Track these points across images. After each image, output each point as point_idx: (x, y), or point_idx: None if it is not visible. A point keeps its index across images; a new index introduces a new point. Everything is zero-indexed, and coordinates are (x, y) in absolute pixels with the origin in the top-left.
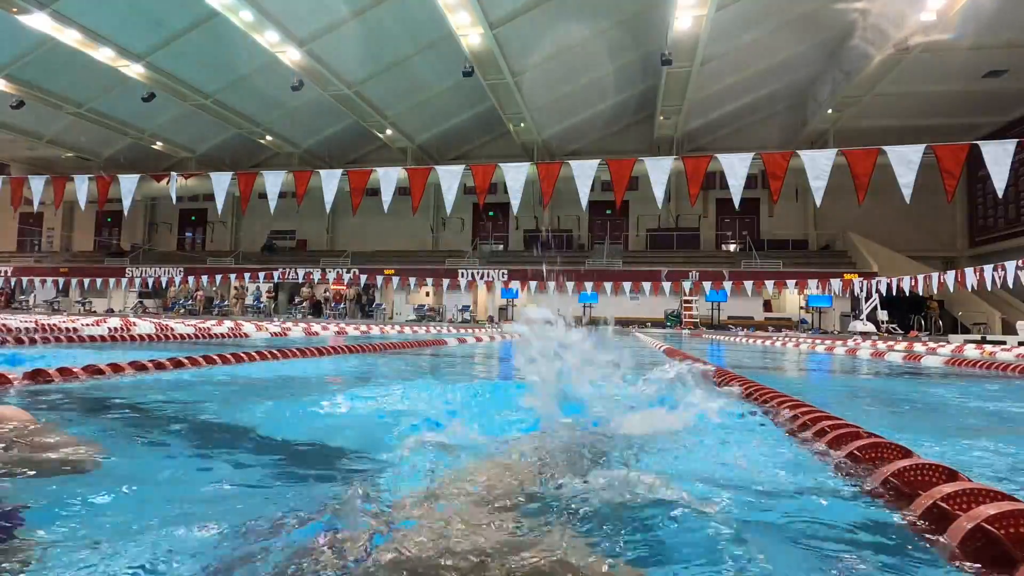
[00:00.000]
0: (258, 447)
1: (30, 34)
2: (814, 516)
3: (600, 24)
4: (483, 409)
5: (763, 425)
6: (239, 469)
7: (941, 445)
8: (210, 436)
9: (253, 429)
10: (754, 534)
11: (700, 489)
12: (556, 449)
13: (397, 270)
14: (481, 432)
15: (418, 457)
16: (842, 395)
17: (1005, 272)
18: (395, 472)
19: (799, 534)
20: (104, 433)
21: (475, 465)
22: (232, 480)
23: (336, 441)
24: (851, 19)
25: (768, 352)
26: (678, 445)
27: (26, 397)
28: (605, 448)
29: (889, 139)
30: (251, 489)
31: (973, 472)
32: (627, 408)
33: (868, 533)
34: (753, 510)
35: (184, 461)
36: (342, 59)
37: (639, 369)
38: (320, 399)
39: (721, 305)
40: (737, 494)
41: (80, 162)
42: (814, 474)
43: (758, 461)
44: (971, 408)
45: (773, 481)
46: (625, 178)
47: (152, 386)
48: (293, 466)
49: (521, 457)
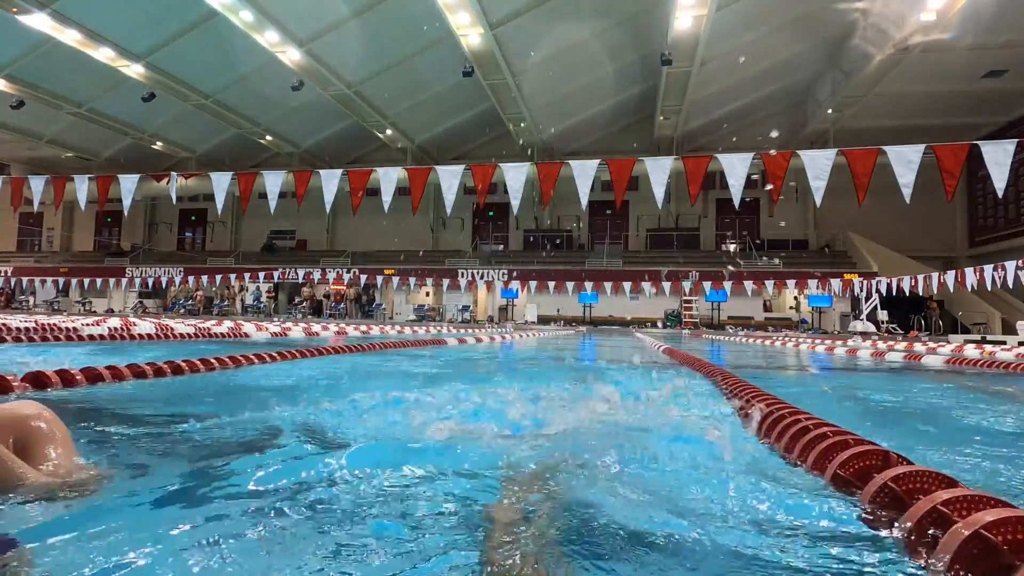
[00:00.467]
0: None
1: (30, 34)
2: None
3: (600, 24)
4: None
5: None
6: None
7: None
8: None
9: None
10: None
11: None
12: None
13: (397, 270)
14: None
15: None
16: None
17: (1005, 272)
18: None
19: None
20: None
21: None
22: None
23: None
24: (851, 19)
25: (768, 352)
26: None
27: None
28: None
29: (889, 139)
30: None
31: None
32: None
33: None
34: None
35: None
36: (342, 59)
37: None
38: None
39: (721, 305)
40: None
41: (80, 162)
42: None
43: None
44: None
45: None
46: (625, 178)
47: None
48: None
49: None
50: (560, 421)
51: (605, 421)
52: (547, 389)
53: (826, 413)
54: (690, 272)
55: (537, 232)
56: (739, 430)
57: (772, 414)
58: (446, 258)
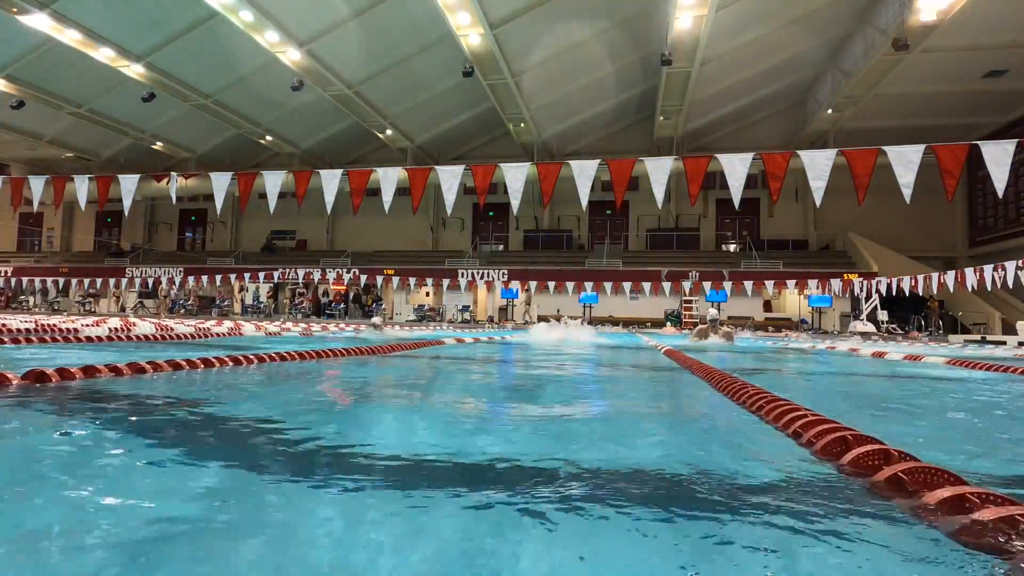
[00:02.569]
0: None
1: (30, 34)
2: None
3: (600, 24)
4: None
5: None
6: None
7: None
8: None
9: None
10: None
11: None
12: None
13: (397, 270)
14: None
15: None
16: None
17: (1005, 272)
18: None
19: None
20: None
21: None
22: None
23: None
24: (851, 19)
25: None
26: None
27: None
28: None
29: (889, 139)
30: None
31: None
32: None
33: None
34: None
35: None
36: (342, 59)
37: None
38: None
39: (721, 305)
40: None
41: (80, 162)
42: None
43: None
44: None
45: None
46: (625, 178)
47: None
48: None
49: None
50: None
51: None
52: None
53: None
54: (690, 272)
55: (537, 232)
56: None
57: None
58: (446, 258)
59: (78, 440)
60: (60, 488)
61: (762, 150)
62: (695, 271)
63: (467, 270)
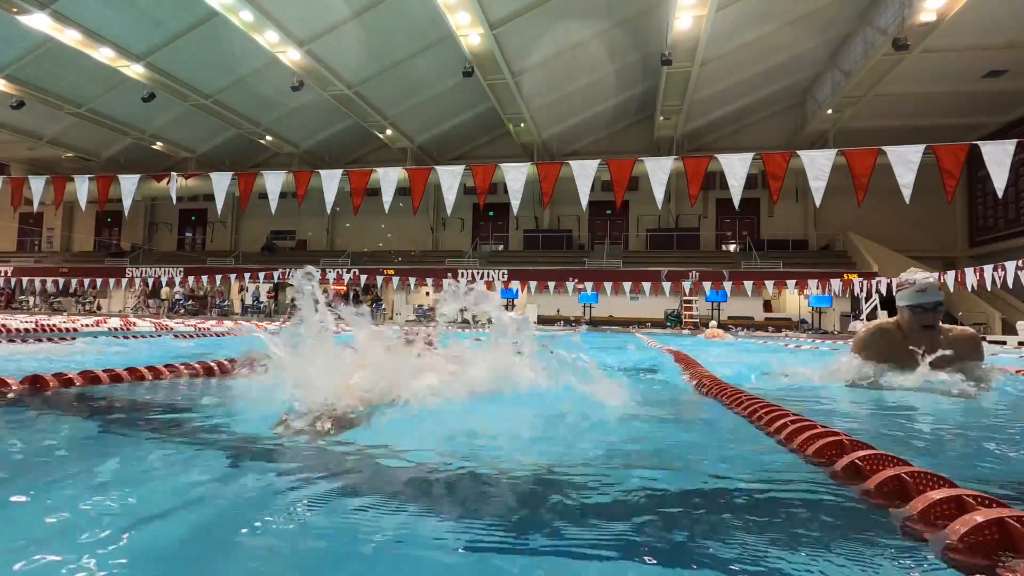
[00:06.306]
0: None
1: (30, 34)
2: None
3: (600, 24)
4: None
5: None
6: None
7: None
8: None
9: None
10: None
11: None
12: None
13: (397, 270)
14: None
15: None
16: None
17: (1005, 272)
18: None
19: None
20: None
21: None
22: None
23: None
24: (851, 19)
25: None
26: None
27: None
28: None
29: (889, 139)
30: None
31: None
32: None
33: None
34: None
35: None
36: (342, 59)
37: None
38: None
39: (721, 305)
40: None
41: (80, 162)
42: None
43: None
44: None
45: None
46: (625, 178)
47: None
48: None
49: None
50: None
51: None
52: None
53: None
54: (690, 272)
55: (537, 232)
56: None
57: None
58: (446, 258)
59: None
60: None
61: (762, 150)
62: (695, 271)
63: (467, 270)
